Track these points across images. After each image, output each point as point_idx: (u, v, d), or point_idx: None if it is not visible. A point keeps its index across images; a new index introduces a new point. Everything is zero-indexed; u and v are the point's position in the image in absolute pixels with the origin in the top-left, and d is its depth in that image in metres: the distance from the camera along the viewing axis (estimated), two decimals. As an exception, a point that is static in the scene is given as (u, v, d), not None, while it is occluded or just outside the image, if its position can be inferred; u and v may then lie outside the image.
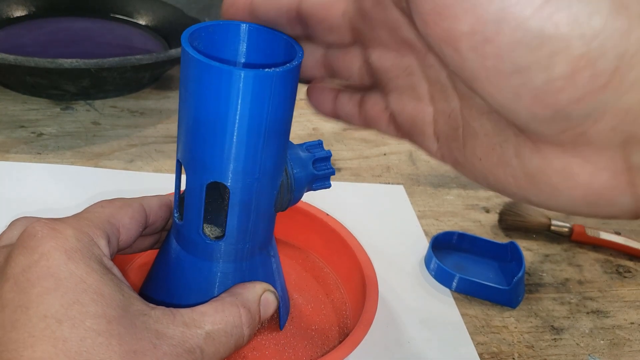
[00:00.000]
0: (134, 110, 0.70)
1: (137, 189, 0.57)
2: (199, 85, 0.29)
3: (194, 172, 0.32)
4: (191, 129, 0.31)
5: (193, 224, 0.34)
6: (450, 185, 0.66)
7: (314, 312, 0.45)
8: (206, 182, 0.32)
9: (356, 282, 0.45)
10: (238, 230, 0.34)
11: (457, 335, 0.47)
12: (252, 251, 0.36)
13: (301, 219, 0.49)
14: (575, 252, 0.59)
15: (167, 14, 0.85)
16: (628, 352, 0.49)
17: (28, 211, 0.52)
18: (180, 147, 0.33)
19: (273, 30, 0.31)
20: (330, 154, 0.39)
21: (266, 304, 0.34)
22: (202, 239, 0.34)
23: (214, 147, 0.31)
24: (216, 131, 0.30)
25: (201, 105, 0.30)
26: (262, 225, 0.35)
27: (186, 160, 0.32)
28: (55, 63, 0.61)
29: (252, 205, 0.33)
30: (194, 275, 0.35)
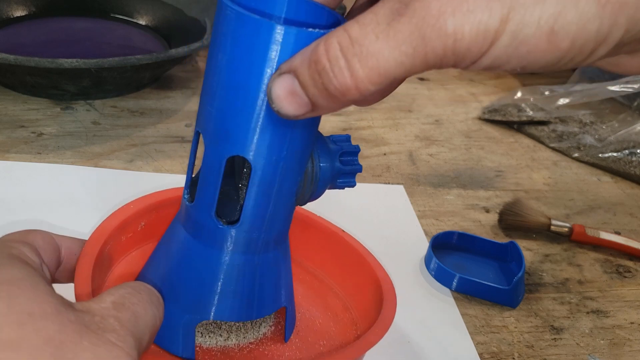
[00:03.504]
0: (134, 110, 0.70)
1: (137, 188, 0.57)
2: (233, 41, 0.27)
3: (215, 143, 0.29)
4: (218, 93, 0.28)
5: (206, 204, 0.31)
6: (450, 185, 0.66)
7: (323, 327, 0.43)
8: (227, 155, 0.29)
9: (370, 298, 0.43)
10: (254, 216, 0.31)
11: (457, 335, 0.47)
12: (265, 244, 0.33)
13: (312, 233, 0.47)
14: (575, 252, 0.59)
15: (167, 14, 0.85)
16: (628, 352, 0.49)
17: (28, 211, 0.52)
18: (202, 116, 0.30)
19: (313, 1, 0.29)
20: (358, 149, 0.35)
21: None
22: (213, 223, 0.31)
23: (241, 112, 0.28)
24: (247, 93, 0.27)
25: (234, 62, 0.27)
26: (281, 215, 0.32)
27: (207, 131, 0.30)
28: (55, 63, 0.61)
29: (274, 188, 0.30)
30: (198, 264, 0.32)
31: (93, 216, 0.53)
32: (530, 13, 0.22)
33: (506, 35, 0.22)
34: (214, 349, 0.36)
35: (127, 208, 0.42)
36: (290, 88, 0.25)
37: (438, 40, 0.22)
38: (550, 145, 0.78)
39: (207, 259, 0.32)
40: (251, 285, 0.34)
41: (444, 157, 0.72)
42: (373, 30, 0.23)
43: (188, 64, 0.81)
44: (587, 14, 0.22)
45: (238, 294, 0.33)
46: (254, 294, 0.34)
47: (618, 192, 0.71)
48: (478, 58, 0.23)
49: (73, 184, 0.56)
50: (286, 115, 0.25)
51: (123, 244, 0.42)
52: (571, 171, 0.73)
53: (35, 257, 0.29)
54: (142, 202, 0.43)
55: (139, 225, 0.43)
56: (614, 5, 0.22)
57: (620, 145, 0.75)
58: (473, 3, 0.22)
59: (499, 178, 0.69)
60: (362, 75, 0.23)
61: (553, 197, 0.68)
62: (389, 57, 0.23)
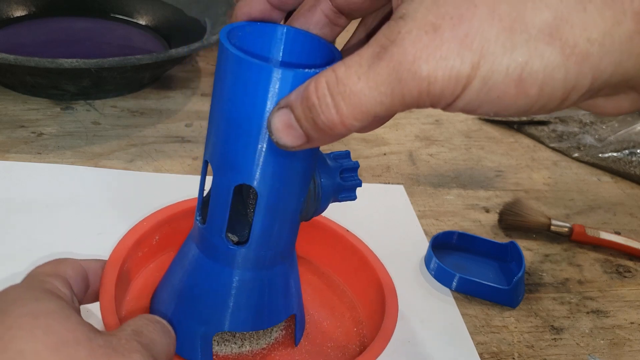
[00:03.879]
0: (134, 110, 0.70)
1: (137, 188, 0.57)
2: (236, 82, 0.29)
3: (222, 173, 0.32)
4: (224, 127, 0.31)
5: (216, 227, 0.33)
6: (450, 185, 0.66)
7: (330, 329, 0.44)
8: (234, 184, 0.31)
9: (375, 299, 0.44)
10: (262, 236, 0.33)
11: (457, 335, 0.47)
12: (273, 260, 0.35)
13: (319, 233, 0.49)
14: (575, 252, 0.59)
15: (167, 14, 0.85)
16: (628, 352, 0.49)
17: (28, 211, 0.52)
18: (210, 147, 0.32)
19: (310, 34, 0.31)
20: (357, 165, 0.38)
21: None
22: (224, 244, 0.34)
23: (246, 147, 0.30)
24: (251, 130, 0.29)
25: (236, 103, 0.29)
26: (286, 233, 0.35)
27: (215, 161, 0.32)
28: (55, 63, 0.61)
29: (279, 211, 0.33)
30: (212, 281, 0.35)
31: (93, 216, 0.53)
32: (499, 62, 0.23)
33: (477, 80, 0.23)
34: (229, 356, 0.39)
35: (140, 225, 0.44)
36: (287, 121, 0.27)
37: (413, 82, 0.24)
38: (550, 145, 0.78)
39: (219, 276, 0.35)
40: (261, 297, 0.36)
41: (444, 157, 0.72)
42: (356, 71, 0.24)
43: (188, 64, 0.81)
44: (553, 63, 0.23)
45: (250, 306, 0.36)
46: (264, 305, 0.37)
47: (618, 192, 0.71)
48: (452, 101, 0.24)
49: (73, 184, 0.56)
50: (284, 146, 0.27)
51: (140, 259, 0.44)
52: (571, 171, 0.73)
53: (66, 289, 0.32)
54: (154, 218, 0.45)
55: (153, 240, 0.45)
56: (578, 56, 0.23)
57: (620, 145, 0.75)
58: (446, 50, 0.23)
59: (499, 178, 0.69)
60: (346, 112, 0.25)
61: (553, 197, 0.68)
62: (369, 96, 0.24)
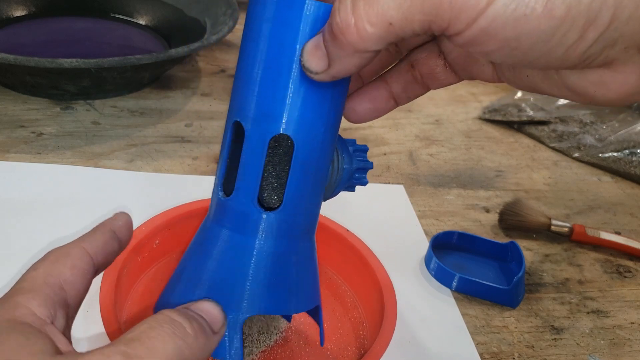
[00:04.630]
0: (134, 110, 0.70)
1: (137, 189, 0.57)
2: (274, 21, 0.29)
3: (257, 125, 0.30)
4: (259, 74, 0.30)
5: (248, 191, 0.31)
6: (450, 185, 0.66)
7: (330, 331, 0.44)
8: (271, 135, 0.30)
9: (375, 300, 0.44)
10: (296, 196, 0.31)
11: (457, 335, 0.47)
12: (305, 230, 0.33)
13: (319, 233, 0.49)
14: (575, 252, 0.59)
15: (167, 14, 0.85)
16: (628, 352, 0.49)
17: (28, 211, 0.52)
18: (239, 102, 0.31)
19: None
20: (367, 148, 0.37)
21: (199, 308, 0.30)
22: (256, 210, 0.31)
23: (281, 87, 0.29)
24: (286, 69, 0.29)
25: (273, 42, 0.29)
26: (317, 199, 0.33)
27: (248, 114, 0.30)
28: (55, 63, 0.61)
29: (313, 167, 0.31)
30: (242, 256, 0.32)
31: (93, 216, 0.53)
32: None
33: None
34: None
35: (139, 230, 0.44)
36: (316, 42, 0.27)
37: None
38: (550, 145, 0.77)
39: (251, 249, 0.32)
40: (296, 272, 0.33)
41: (444, 157, 0.72)
42: None
43: (188, 64, 0.81)
44: None
45: (285, 282, 0.33)
46: (299, 282, 0.34)
47: (618, 192, 0.70)
48: (475, 17, 0.24)
49: (73, 184, 0.56)
50: (309, 71, 0.28)
51: (140, 264, 0.44)
52: (571, 171, 0.73)
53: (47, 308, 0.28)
54: (153, 223, 0.45)
55: (153, 244, 0.45)
56: None
57: (621, 145, 0.75)
58: None
59: (499, 178, 0.69)
60: (362, 12, 0.25)
61: (553, 197, 0.68)
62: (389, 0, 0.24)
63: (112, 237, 0.32)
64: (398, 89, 0.33)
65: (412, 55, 0.33)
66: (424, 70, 0.33)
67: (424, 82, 0.33)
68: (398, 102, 0.34)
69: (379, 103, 0.33)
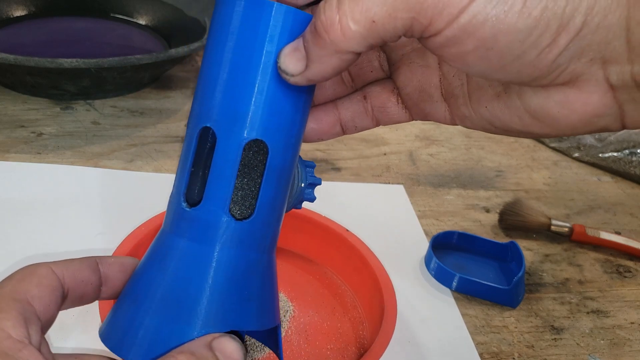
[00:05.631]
0: (134, 110, 0.70)
1: (137, 188, 0.57)
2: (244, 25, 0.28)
3: (231, 130, 0.29)
4: (232, 79, 0.29)
5: (219, 200, 0.29)
6: (450, 185, 0.66)
7: (330, 330, 0.44)
8: (246, 140, 0.29)
9: (375, 300, 0.44)
10: (270, 206, 0.30)
11: (457, 335, 0.47)
12: (272, 243, 0.32)
13: (320, 233, 0.48)
14: (575, 252, 0.59)
15: (167, 14, 0.85)
16: (628, 352, 0.49)
17: (28, 211, 0.52)
18: (208, 107, 0.30)
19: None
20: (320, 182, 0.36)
21: (222, 348, 0.28)
22: (228, 220, 0.29)
23: (260, 94, 0.29)
24: (264, 75, 0.29)
25: (244, 48, 0.29)
26: (283, 209, 0.32)
27: (220, 119, 0.29)
28: (55, 63, 0.61)
29: (284, 175, 0.31)
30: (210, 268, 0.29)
31: (93, 216, 0.53)
32: None
33: None
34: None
35: (139, 231, 0.43)
36: (296, 45, 0.27)
37: None
38: (550, 145, 0.77)
39: (221, 261, 0.30)
40: (267, 285, 0.32)
41: (444, 157, 0.72)
42: None
43: (188, 64, 0.81)
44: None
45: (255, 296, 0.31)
46: (269, 296, 0.32)
47: (618, 192, 0.70)
48: (456, 15, 0.24)
49: (73, 184, 0.56)
50: (287, 73, 0.28)
51: None
52: (571, 171, 0.73)
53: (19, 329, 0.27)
54: (153, 223, 0.45)
55: None
56: None
57: (621, 145, 0.75)
58: None
59: (499, 178, 0.69)
60: (347, 8, 0.25)
61: (553, 197, 0.68)
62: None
63: (90, 266, 0.31)
64: (347, 116, 0.33)
65: (366, 88, 0.33)
66: (375, 103, 0.33)
67: (374, 116, 0.33)
68: (345, 130, 0.34)
69: (325, 126, 0.34)
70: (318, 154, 0.67)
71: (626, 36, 0.24)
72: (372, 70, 0.33)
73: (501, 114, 0.29)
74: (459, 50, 0.25)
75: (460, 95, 0.31)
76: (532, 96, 0.27)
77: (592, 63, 0.25)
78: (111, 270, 0.31)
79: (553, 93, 0.27)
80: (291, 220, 0.48)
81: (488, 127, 0.30)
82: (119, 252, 0.41)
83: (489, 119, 0.30)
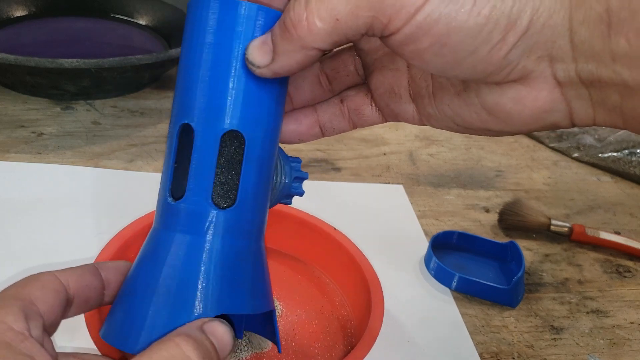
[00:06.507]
0: (134, 110, 0.70)
1: (137, 188, 0.57)
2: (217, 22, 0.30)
3: (207, 123, 0.31)
4: (204, 74, 0.31)
5: (202, 190, 0.31)
6: (450, 185, 0.66)
7: (318, 329, 0.44)
8: (222, 132, 0.30)
9: (362, 299, 0.44)
10: (250, 194, 0.31)
11: (457, 334, 0.47)
12: (258, 231, 0.33)
13: (307, 232, 0.48)
14: (575, 251, 0.59)
15: (167, 14, 0.85)
16: (628, 351, 0.49)
17: (28, 211, 0.52)
18: (184, 104, 0.31)
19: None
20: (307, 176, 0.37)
21: (213, 331, 0.29)
22: (211, 209, 0.31)
23: (232, 87, 0.30)
24: (234, 67, 0.30)
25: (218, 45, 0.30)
26: (266, 197, 0.33)
27: (196, 114, 0.31)
28: (56, 63, 0.61)
29: (264, 164, 0.32)
30: (199, 257, 0.31)
31: (93, 216, 0.53)
32: None
33: None
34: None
35: (124, 232, 0.43)
36: (264, 39, 0.29)
37: None
38: (550, 145, 0.78)
39: (208, 249, 0.31)
40: (255, 272, 0.33)
41: (444, 157, 0.72)
42: None
43: (188, 64, 0.81)
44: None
45: (244, 281, 0.32)
46: (258, 282, 0.33)
47: (618, 192, 0.71)
48: (413, 14, 0.26)
49: (73, 184, 0.56)
50: (253, 64, 0.29)
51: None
52: (571, 171, 0.73)
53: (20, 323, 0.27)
54: (140, 223, 0.44)
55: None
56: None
57: (620, 145, 0.75)
58: None
59: (499, 178, 0.69)
60: (314, 6, 0.27)
61: (553, 197, 0.68)
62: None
63: (92, 271, 0.32)
64: (325, 118, 0.36)
65: (343, 92, 0.36)
66: (351, 106, 0.35)
67: (351, 118, 0.36)
68: (324, 132, 0.36)
69: (304, 127, 0.36)
70: (318, 154, 0.68)
71: (569, 36, 0.26)
72: (348, 74, 0.36)
73: (461, 111, 0.31)
74: (416, 47, 0.27)
75: (426, 95, 0.33)
76: (488, 93, 0.29)
77: (540, 60, 0.27)
78: (111, 274, 0.33)
79: (506, 90, 0.28)
80: (279, 219, 0.48)
81: (451, 125, 0.32)
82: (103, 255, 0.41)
83: (451, 117, 0.32)
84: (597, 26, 0.25)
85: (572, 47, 0.26)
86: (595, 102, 0.28)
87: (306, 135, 0.36)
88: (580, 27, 0.26)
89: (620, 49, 0.25)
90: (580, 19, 0.26)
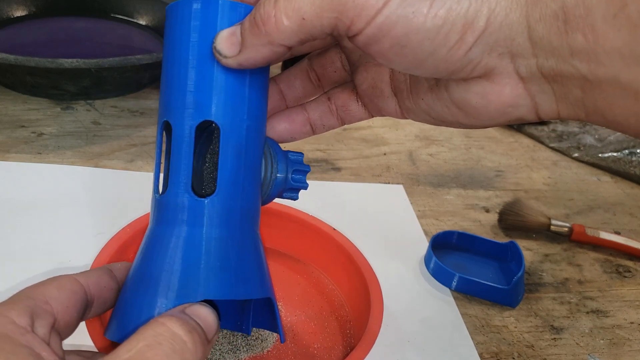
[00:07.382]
0: (134, 110, 0.70)
1: (137, 188, 0.57)
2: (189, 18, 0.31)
3: (181, 116, 0.32)
4: (175, 71, 0.32)
5: (181, 182, 0.32)
6: (450, 185, 0.66)
7: (317, 329, 0.44)
8: (195, 122, 0.31)
9: (361, 299, 0.44)
10: (230, 181, 0.32)
11: (457, 334, 0.47)
12: (245, 217, 0.33)
13: (307, 233, 0.48)
14: (575, 251, 0.59)
15: (167, 14, 0.85)
16: (628, 351, 0.49)
17: (28, 211, 0.52)
18: (163, 103, 0.33)
19: None
20: (309, 169, 0.38)
21: (196, 313, 0.30)
22: (191, 198, 0.32)
23: (202, 79, 0.31)
24: (204, 62, 0.31)
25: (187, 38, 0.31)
26: (253, 186, 0.33)
27: (172, 110, 0.32)
28: (56, 63, 0.61)
29: (243, 151, 0.32)
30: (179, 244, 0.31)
31: (93, 216, 0.53)
32: None
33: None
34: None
35: (124, 232, 0.43)
36: (233, 30, 0.30)
37: None
38: (550, 145, 0.78)
39: (192, 237, 0.32)
40: (237, 259, 0.33)
41: (444, 157, 0.72)
42: None
43: (188, 64, 0.81)
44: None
45: (224, 268, 0.32)
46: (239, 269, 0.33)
47: (618, 192, 0.71)
48: (373, 16, 0.27)
49: (73, 184, 0.56)
50: (220, 54, 0.30)
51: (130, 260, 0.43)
52: (571, 171, 0.73)
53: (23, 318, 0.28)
54: (139, 223, 0.44)
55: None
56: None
57: (620, 145, 0.75)
58: None
59: (498, 178, 0.69)
60: (282, 5, 0.28)
61: (553, 197, 0.68)
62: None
63: (107, 273, 0.33)
64: (315, 116, 0.37)
65: (330, 90, 0.37)
66: (338, 103, 0.37)
67: (339, 115, 0.37)
68: (314, 129, 0.37)
69: (296, 125, 0.37)
70: (318, 154, 0.68)
71: (528, 32, 0.27)
72: (335, 70, 0.37)
73: (434, 105, 0.32)
74: (379, 48, 0.28)
75: (405, 89, 0.34)
76: (456, 88, 0.30)
77: (501, 57, 0.28)
78: (123, 275, 0.34)
79: (472, 85, 0.29)
80: (279, 219, 0.49)
81: (427, 119, 0.34)
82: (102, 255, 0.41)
83: (426, 110, 0.33)
84: (554, 23, 0.26)
85: (532, 44, 0.27)
86: (558, 97, 0.28)
87: (298, 133, 0.37)
88: (537, 24, 0.27)
89: (578, 45, 0.26)
90: (536, 17, 0.26)
